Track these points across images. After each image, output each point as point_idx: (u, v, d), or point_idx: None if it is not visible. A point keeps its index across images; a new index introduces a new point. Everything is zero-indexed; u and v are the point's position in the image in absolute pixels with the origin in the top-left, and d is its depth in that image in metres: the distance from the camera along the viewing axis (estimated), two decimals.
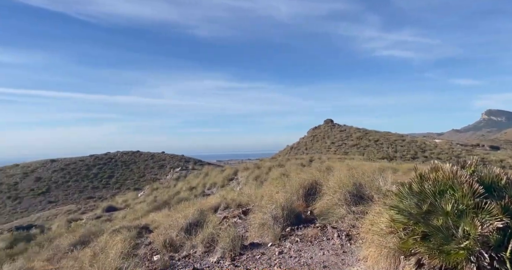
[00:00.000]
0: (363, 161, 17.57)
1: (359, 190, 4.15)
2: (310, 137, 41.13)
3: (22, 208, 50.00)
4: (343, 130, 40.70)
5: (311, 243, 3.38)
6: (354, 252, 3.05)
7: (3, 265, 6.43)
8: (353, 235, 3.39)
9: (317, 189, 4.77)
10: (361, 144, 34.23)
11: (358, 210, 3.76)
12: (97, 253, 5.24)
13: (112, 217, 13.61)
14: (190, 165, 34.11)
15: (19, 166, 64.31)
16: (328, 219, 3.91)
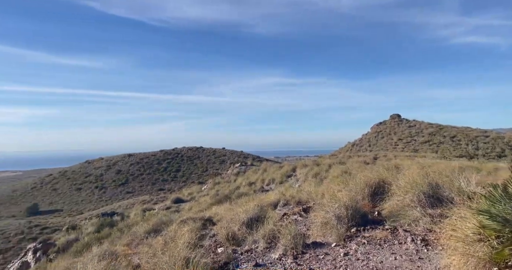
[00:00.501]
0: (437, 159, 15.92)
1: (436, 191, 3.71)
2: (374, 133, 38.74)
3: (107, 196, 57.03)
4: (413, 125, 37.40)
5: (380, 246, 3.13)
6: (433, 259, 2.72)
7: (92, 247, 7.33)
8: (430, 240, 3.04)
9: (385, 188, 4.41)
10: (433, 141, 31.07)
11: (435, 213, 3.37)
12: (167, 241, 5.64)
13: (180, 208, 14.61)
14: (249, 160, 34.92)
15: (103, 159, 73.46)
16: (399, 221, 3.58)
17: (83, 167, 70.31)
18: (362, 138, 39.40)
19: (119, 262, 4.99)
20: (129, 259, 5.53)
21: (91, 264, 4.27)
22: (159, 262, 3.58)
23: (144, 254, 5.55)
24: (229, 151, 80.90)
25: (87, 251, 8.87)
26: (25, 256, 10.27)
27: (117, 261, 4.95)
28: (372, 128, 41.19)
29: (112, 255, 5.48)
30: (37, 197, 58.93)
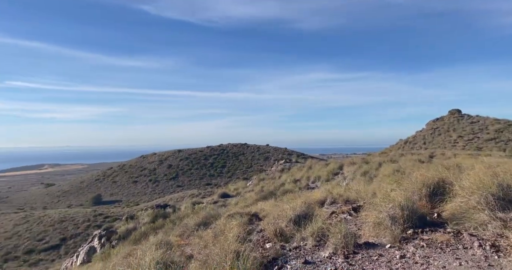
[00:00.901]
0: (504, 158, 14.27)
1: (507, 193, 3.33)
2: (429, 129, 35.97)
3: (159, 189, 60.95)
4: (475, 121, 33.94)
5: (441, 250, 2.90)
6: (505, 267, 2.45)
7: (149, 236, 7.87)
8: (501, 246, 2.74)
9: (445, 188, 4.07)
10: (501, 138, 27.90)
11: (507, 217, 3.02)
12: (217, 234, 5.84)
13: (226, 203, 15.05)
14: (293, 157, 34.64)
15: (156, 154, 78.51)
16: (463, 225, 3.29)
17: (138, 161, 75.90)
18: (415, 135, 36.80)
19: (173, 251, 5.29)
20: (182, 249, 5.85)
21: (149, 251, 4.59)
22: (211, 254, 3.72)
23: (196, 245, 5.83)
24: (273, 147, 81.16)
25: (144, 239, 9.56)
26: (92, 242, 11.38)
27: (172, 251, 5.26)
28: (428, 124, 38.22)
29: (167, 245, 5.83)
30: (100, 188, 65.09)
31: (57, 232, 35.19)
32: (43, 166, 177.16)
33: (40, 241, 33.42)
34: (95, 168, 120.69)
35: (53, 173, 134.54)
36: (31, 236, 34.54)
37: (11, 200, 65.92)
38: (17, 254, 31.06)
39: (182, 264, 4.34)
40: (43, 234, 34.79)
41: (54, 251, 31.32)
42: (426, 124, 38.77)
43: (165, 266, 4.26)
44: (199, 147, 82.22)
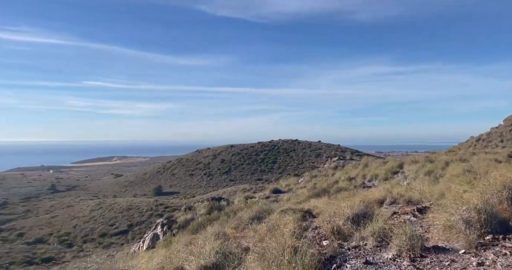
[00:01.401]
0: None
1: None
2: (508, 126, 31.73)
3: (213, 183, 63.66)
4: None
5: None
6: None
7: (207, 227, 8.26)
8: None
9: None
10: None
11: None
12: (271, 229, 5.92)
13: (278, 198, 15.12)
14: (347, 154, 33.35)
15: (210, 149, 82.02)
16: None
17: (194, 155, 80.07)
18: (490, 132, 32.75)
19: (230, 243, 5.49)
20: (238, 241, 6.04)
21: (209, 241, 4.83)
22: (267, 247, 3.79)
23: (251, 238, 5.97)
24: (325, 144, 79.13)
25: (201, 230, 10.07)
26: (155, 229, 12.30)
27: (229, 242, 5.47)
28: (506, 120, 33.70)
29: (224, 236, 6.08)
30: (161, 180, 70.24)
31: (125, 218, 39.00)
32: (112, 158, 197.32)
33: (112, 226, 37.37)
34: (156, 161, 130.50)
35: (121, 165, 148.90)
36: (104, 221, 38.82)
37: (88, 188, 74.68)
38: (94, 237, 35.19)
39: (240, 255, 4.49)
40: (113, 220, 38.85)
41: (123, 236, 34.80)
42: (504, 120, 34.24)
43: (224, 256, 4.44)
44: (250, 142, 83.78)
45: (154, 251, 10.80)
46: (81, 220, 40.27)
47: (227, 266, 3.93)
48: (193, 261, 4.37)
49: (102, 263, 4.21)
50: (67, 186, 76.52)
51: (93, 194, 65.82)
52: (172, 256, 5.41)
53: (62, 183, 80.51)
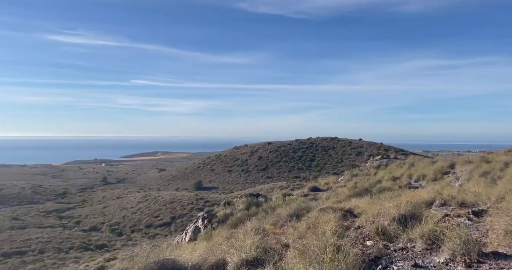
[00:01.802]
0: None
1: None
2: None
3: (251, 179, 64.44)
4: None
5: None
6: None
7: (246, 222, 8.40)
8: None
9: None
10: None
11: None
12: (310, 226, 5.86)
13: (317, 196, 14.89)
14: (391, 153, 31.73)
15: (247, 146, 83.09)
16: None
17: (232, 152, 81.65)
18: None
19: (269, 238, 5.54)
20: (277, 237, 6.07)
21: (249, 236, 4.91)
22: (308, 244, 3.76)
23: (290, 235, 5.97)
24: (366, 142, 76.15)
25: (240, 224, 10.27)
26: (197, 222, 12.77)
27: (269, 238, 5.52)
28: None
29: (263, 232, 6.14)
30: (201, 175, 72.71)
31: (168, 211, 41.07)
32: (157, 153, 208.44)
33: (156, 218, 39.60)
34: (197, 157, 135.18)
35: (164, 159, 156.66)
36: (149, 213, 41.26)
37: (135, 181, 79.72)
38: (140, 227, 37.59)
39: (280, 251, 4.52)
40: (158, 212, 41.12)
41: (166, 227, 36.73)
42: None
43: (264, 251, 4.50)
44: (287, 139, 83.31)
45: (196, 243, 11.25)
46: (129, 211, 43.18)
47: (268, 261, 3.98)
48: (235, 254, 4.47)
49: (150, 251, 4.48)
50: (117, 179, 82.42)
51: (140, 186, 70.13)
52: (214, 249, 5.60)
53: (113, 175, 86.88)
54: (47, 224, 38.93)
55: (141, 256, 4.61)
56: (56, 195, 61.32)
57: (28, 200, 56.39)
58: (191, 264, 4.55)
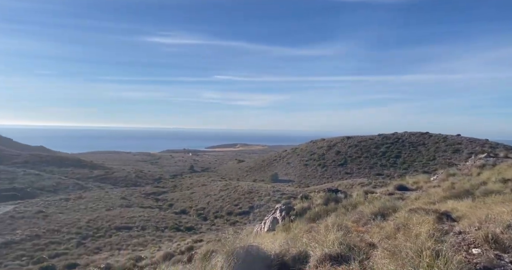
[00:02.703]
0: None
1: None
2: None
3: (327, 175, 62.81)
4: None
5: None
6: None
7: (322, 217, 8.24)
8: None
9: None
10: None
11: None
12: (399, 227, 5.43)
13: (404, 196, 13.66)
14: (500, 151, 26.81)
15: (324, 140, 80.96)
16: None
17: (308, 146, 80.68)
18: None
19: (353, 236, 5.34)
20: (360, 235, 5.80)
21: (331, 231, 4.82)
22: (400, 246, 3.50)
23: (376, 234, 5.63)
24: (466, 138, 66.30)
25: (318, 219, 10.13)
26: (275, 213, 13.07)
27: (352, 235, 5.32)
28: None
29: (345, 228, 5.94)
30: (277, 167, 74.01)
31: (246, 200, 43.13)
32: (236, 145, 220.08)
33: (236, 206, 42.04)
34: (273, 149, 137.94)
35: (242, 151, 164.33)
36: (230, 201, 44.03)
37: (217, 170, 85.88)
38: (222, 214, 40.48)
39: (365, 249, 4.32)
40: (237, 201, 43.57)
41: (245, 216, 38.68)
42: None
43: (348, 248, 4.36)
44: (369, 134, 78.17)
45: (274, 233, 11.56)
46: (213, 198, 46.85)
47: (353, 259, 3.84)
48: (317, 248, 4.45)
49: (236, 237, 4.82)
50: (202, 168, 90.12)
51: (221, 176, 75.28)
52: (294, 240, 5.66)
53: (198, 164, 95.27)
54: (147, 204, 45.13)
55: (228, 240, 4.94)
56: (153, 180, 70.44)
57: (132, 182, 66.22)
58: (274, 252, 4.70)
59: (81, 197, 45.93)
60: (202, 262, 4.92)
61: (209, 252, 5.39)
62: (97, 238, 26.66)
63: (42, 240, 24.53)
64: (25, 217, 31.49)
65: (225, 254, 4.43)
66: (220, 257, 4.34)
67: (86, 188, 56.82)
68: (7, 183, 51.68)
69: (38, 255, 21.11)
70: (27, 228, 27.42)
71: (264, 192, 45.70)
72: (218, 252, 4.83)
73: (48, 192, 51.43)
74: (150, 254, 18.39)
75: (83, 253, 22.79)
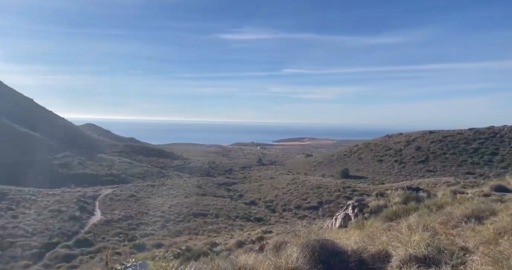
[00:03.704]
0: None
1: None
2: None
3: (406, 172, 57.82)
4: None
5: None
6: None
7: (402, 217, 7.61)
8: None
9: None
10: None
11: None
12: (501, 232, 4.76)
13: (504, 198, 11.79)
14: None
15: (402, 135, 74.45)
16: None
17: (383, 140, 75.21)
18: None
19: (441, 238, 4.86)
20: (451, 238, 5.22)
21: (416, 232, 4.46)
22: (505, 252, 3.04)
23: (470, 238, 5.00)
24: None
25: (396, 218, 9.42)
26: (347, 210, 12.58)
27: (440, 237, 4.84)
28: None
29: (432, 230, 5.41)
30: (347, 163, 70.94)
31: (315, 195, 42.49)
32: (303, 139, 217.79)
33: (304, 200, 41.79)
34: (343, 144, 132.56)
35: (310, 145, 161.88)
36: (298, 195, 43.96)
37: (284, 164, 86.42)
38: (290, 207, 40.72)
39: (458, 254, 3.88)
40: (305, 195, 43.24)
41: (314, 211, 38.23)
42: None
43: (437, 251, 3.98)
44: (457, 128, 69.17)
45: (346, 230, 11.16)
46: (281, 191, 47.41)
47: (444, 263, 3.48)
48: (400, 248, 4.18)
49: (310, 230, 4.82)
50: (270, 161, 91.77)
51: (288, 169, 75.54)
52: (372, 238, 5.38)
53: (266, 157, 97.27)
54: (219, 194, 48.04)
55: (302, 232, 4.94)
56: (224, 171, 74.49)
57: (206, 172, 71.15)
58: (351, 249, 4.54)
59: (164, 184, 51.25)
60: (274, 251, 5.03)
61: (280, 243, 5.48)
62: (178, 222, 29.46)
63: (134, 221, 28.18)
64: (121, 199, 36.57)
65: (300, 246, 4.45)
66: (294, 248, 4.37)
67: (167, 176, 63.17)
68: (106, 169, 60.64)
69: (132, 234, 24.35)
70: (122, 209, 31.81)
71: (333, 187, 44.38)
72: (291, 243, 4.87)
73: (138, 178, 58.72)
74: (224, 241, 19.59)
75: (167, 235, 25.45)
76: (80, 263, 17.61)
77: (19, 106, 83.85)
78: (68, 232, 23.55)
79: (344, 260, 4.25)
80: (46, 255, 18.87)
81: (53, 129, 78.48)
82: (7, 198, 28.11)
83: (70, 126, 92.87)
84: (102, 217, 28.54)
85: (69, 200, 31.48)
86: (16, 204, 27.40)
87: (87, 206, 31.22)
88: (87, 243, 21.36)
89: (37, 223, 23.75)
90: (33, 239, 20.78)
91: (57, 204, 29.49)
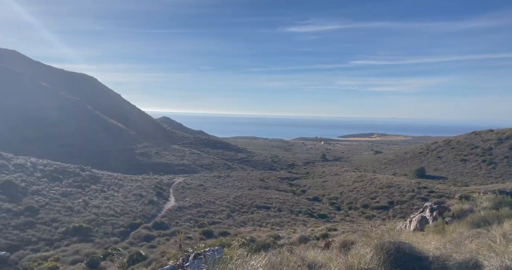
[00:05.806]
0: None
1: None
2: None
3: (496, 174, 50.25)
4: None
5: None
6: None
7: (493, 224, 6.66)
8: None
9: None
10: None
11: None
12: None
13: None
14: None
15: (493, 132, 64.61)
16: None
17: (469, 138, 66.42)
18: None
19: None
20: None
21: None
22: None
23: None
24: None
25: (484, 225, 8.28)
26: (424, 212, 11.51)
27: None
28: None
29: None
30: (423, 161, 64.59)
31: (385, 195, 39.77)
32: (372, 135, 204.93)
33: (372, 200, 39.47)
34: (418, 141, 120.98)
35: (380, 142, 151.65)
36: (365, 193, 41.71)
37: (350, 161, 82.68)
38: (357, 206, 38.90)
39: None
40: (374, 194, 40.78)
41: (383, 211, 35.86)
42: None
43: None
44: None
45: (423, 234, 10.22)
46: (346, 188, 45.57)
47: None
48: (493, 258, 3.67)
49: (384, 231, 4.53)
50: (334, 157, 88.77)
51: (355, 166, 72.02)
52: (458, 245, 4.82)
53: (330, 153, 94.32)
54: (282, 188, 48.36)
55: (376, 233, 4.66)
56: (287, 165, 74.60)
57: (268, 166, 72.23)
58: (433, 255, 4.13)
59: (229, 175, 53.68)
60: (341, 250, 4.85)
61: (348, 242, 5.26)
62: (242, 213, 30.61)
63: (203, 209, 30.19)
64: (191, 188, 39.50)
65: (373, 247, 4.22)
66: (368, 248, 4.15)
67: (232, 168, 65.97)
68: (179, 159, 66.02)
69: (201, 221, 26.16)
70: (192, 197, 34.34)
71: (406, 187, 40.93)
72: (361, 243, 4.64)
73: (205, 169, 62.63)
74: (287, 235, 19.71)
75: (232, 224, 26.68)
76: (158, 244, 19.62)
77: (110, 101, 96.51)
78: (147, 215, 26.41)
79: (425, 266, 3.89)
80: (130, 234, 21.47)
81: (135, 122, 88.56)
82: (101, 181, 32.70)
83: (150, 120, 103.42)
84: (176, 203, 31.24)
85: (148, 186, 35.20)
86: (108, 187, 31.73)
87: (163, 192, 34.49)
88: (163, 226, 23.65)
89: (123, 205, 27.17)
90: (121, 219, 23.83)
91: (138, 189, 33.25)
